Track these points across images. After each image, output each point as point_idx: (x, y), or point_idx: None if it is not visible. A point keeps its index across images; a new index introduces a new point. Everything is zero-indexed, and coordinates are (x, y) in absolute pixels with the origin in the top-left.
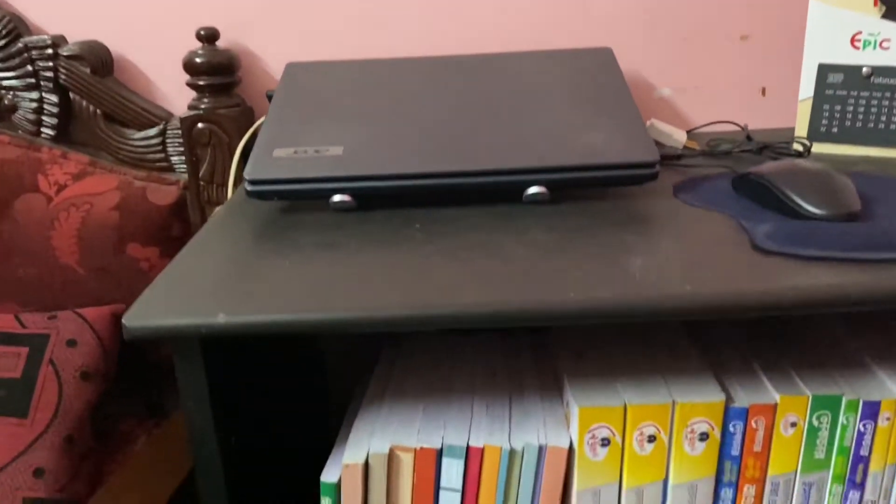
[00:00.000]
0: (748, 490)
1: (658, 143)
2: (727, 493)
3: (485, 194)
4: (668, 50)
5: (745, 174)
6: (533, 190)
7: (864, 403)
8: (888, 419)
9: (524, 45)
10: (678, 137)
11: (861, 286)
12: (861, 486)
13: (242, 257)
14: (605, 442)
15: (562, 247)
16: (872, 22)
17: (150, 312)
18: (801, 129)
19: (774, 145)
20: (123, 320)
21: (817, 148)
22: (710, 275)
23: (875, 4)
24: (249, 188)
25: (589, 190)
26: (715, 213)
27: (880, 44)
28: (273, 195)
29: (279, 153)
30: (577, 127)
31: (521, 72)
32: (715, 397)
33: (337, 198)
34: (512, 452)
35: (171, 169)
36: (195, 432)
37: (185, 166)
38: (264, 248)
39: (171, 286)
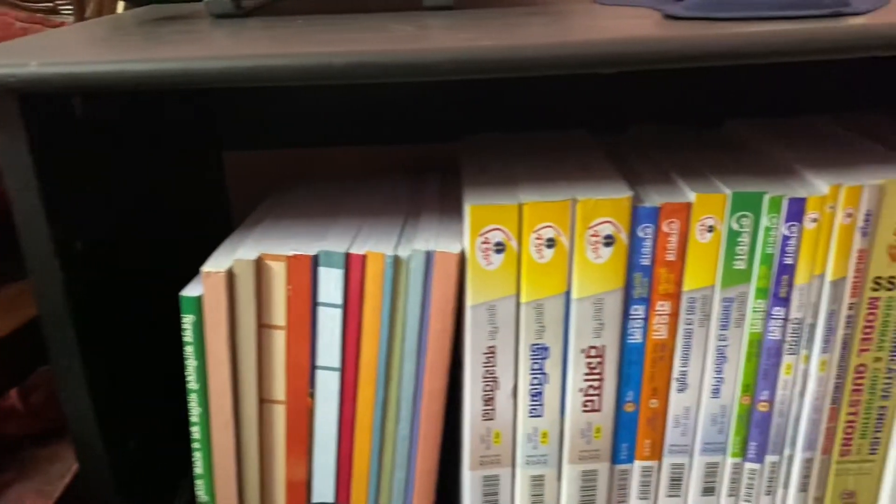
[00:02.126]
0: (662, 306)
1: None
2: (638, 310)
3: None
4: None
5: None
6: None
7: (790, 201)
8: (815, 220)
9: None
10: None
11: (763, 37)
12: (786, 302)
13: (91, 40)
14: (500, 247)
15: (460, 26)
16: None
17: None
18: None
19: None
20: None
21: None
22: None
23: None
24: None
25: None
26: (629, 7)
27: None
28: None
29: None
30: None
31: None
32: (620, 194)
33: None
34: (397, 260)
35: (55, 11)
36: (24, 229)
37: (70, 7)
38: (117, 36)
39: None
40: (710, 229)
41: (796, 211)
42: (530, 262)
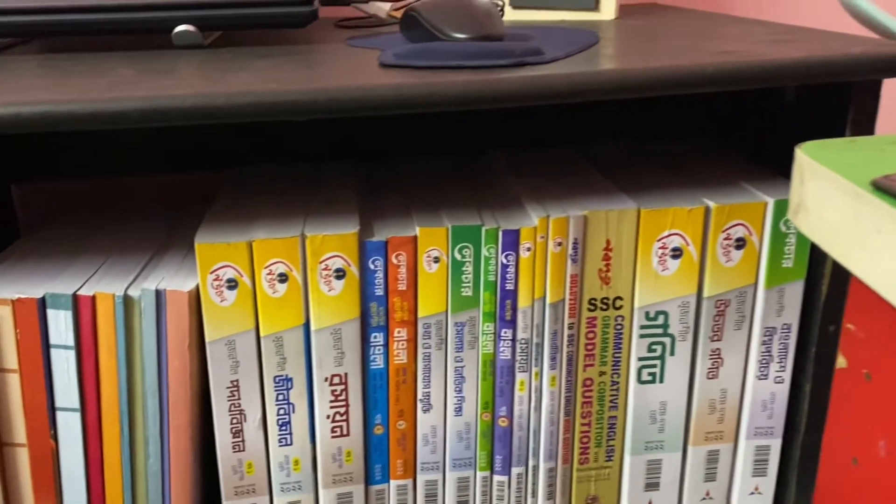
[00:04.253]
0: (399, 333)
1: (360, 11)
2: (378, 337)
3: (130, 34)
4: None
5: (406, 12)
6: (181, 29)
7: (504, 233)
8: (529, 249)
9: None
10: (382, 6)
11: (454, 87)
12: (512, 324)
13: None
14: (233, 284)
15: (185, 70)
16: None
17: None
18: None
19: None
20: None
21: (518, 15)
22: (327, 81)
23: None
24: None
25: (255, 34)
26: (371, 49)
27: None
28: None
29: None
30: None
31: None
32: (347, 229)
33: None
34: (128, 300)
35: None
36: None
37: None
38: None
39: None
40: (437, 260)
41: (511, 241)
42: (264, 296)
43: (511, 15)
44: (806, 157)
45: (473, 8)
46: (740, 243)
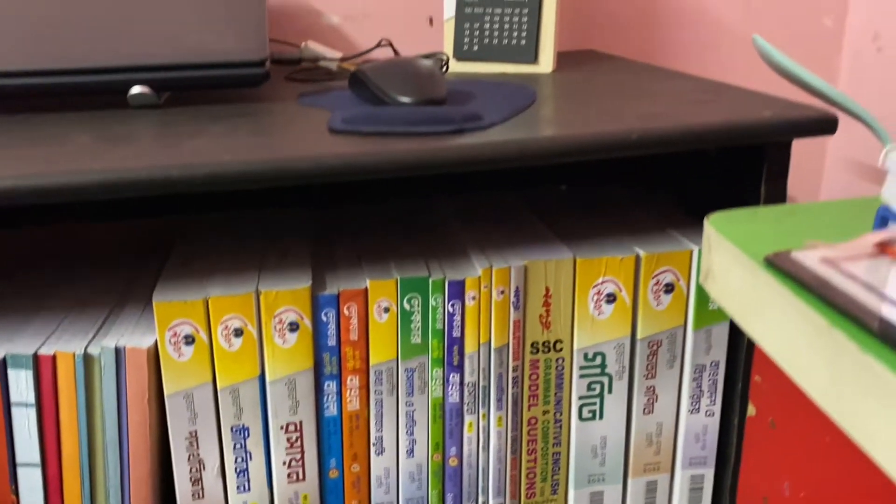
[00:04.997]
0: (352, 381)
1: (312, 62)
2: (331, 386)
3: (86, 96)
4: None
5: (353, 72)
6: (136, 90)
7: (450, 283)
8: (474, 298)
9: None
10: (332, 57)
11: (398, 156)
12: (460, 369)
13: None
14: (190, 339)
15: (143, 134)
16: None
17: None
18: (448, 48)
19: None
20: None
21: (462, 66)
22: (279, 150)
23: None
24: None
25: (209, 93)
26: (322, 110)
27: None
28: None
29: None
30: (188, 24)
31: None
32: (300, 284)
33: None
34: (87, 358)
35: None
36: None
37: None
38: None
39: None
40: (387, 310)
41: (457, 291)
42: (221, 350)
43: (455, 67)
44: (712, 230)
45: (417, 70)
46: (669, 288)
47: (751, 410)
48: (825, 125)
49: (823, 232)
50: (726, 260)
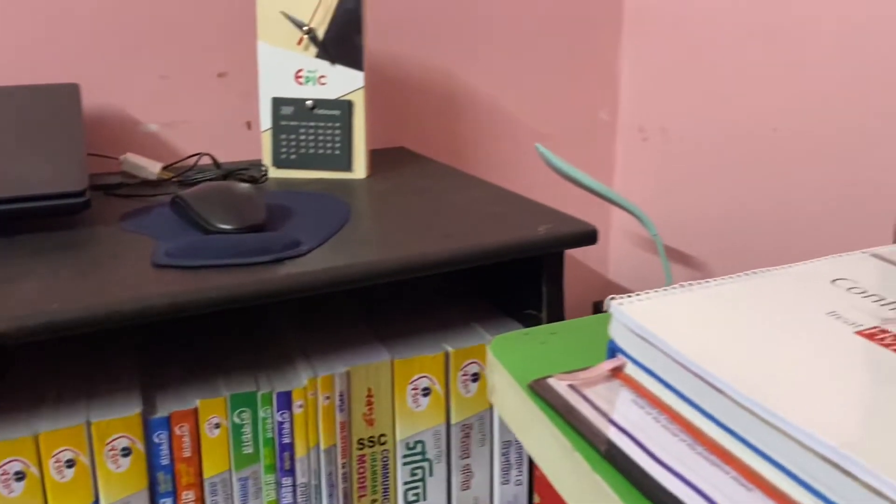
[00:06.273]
0: (187, 496)
1: (132, 175)
2: (167, 503)
3: None
4: (148, 86)
5: (174, 197)
6: None
7: (278, 395)
8: (301, 406)
9: None
10: (152, 169)
11: (221, 290)
12: (291, 472)
13: None
14: (20, 476)
15: None
16: (310, 61)
17: None
18: (267, 158)
19: (237, 172)
20: None
21: (281, 174)
22: (96, 292)
23: (299, 43)
24: None
25: (29, 222)
26: (145, 236)
27: (318, 80)
28: None
29: None
30: (9, 160)
31: None
32: (131, 411)
33: None
34: None
35: None
36: None
37: None
38: None
39: None
40: (217, 426)
41: (284, 401)
42: (53, 483)
43: (274, 173)
44: (491, 355)
45: (235, 196)
46: (475, 377)
47: (536, 499)
48: (588, 237)
49: (581, 347)
50: (503, 382)
